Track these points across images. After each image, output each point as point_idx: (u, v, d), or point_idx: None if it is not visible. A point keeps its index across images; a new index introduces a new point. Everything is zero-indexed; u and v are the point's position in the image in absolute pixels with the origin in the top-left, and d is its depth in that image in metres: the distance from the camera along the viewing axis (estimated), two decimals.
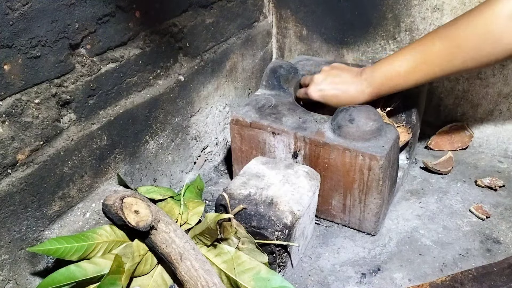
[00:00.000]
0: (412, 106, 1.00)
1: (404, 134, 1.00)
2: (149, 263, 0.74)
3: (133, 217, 0.70)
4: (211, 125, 1.11)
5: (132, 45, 0.83)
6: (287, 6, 1.24)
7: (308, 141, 0.88)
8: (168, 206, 0.84)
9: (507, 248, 0.86)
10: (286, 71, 1.03)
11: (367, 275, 0.82)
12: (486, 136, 1.12)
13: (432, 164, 1.05)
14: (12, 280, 0.69)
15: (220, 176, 1.14)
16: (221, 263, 0.74)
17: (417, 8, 1.06)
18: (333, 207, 0.92)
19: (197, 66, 1.01)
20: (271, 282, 0.70)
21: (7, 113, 0.63)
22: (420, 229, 0.92)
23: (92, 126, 0.78)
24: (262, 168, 0.87)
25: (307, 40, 1.25)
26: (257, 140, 0.94)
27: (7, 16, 0.60)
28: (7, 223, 0.66)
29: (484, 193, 1.00)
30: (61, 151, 0.72)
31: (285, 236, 0.76)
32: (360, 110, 0.86)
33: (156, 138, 0.93)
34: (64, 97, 0.72)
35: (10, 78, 0.63)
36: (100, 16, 0.74)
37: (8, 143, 0.64)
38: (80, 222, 0.75)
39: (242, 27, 1.16)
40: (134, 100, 0.86)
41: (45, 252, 0.67)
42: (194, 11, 0.97)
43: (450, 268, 0.82)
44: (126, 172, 0.87)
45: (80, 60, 0.73)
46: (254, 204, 0.78)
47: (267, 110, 0.95)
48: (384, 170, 0.83)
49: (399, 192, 1.02)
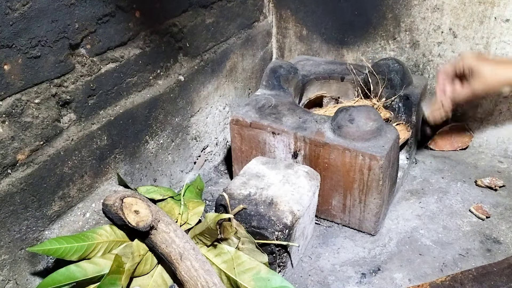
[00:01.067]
0: (412, 106, 1.00)
1: (404, 132, 1.00)
2: (149, 263, 0.74)
3: (133, 217, 0.70)
4: (211, 125, 1.11)
5: (132, 45, 0.83)
6: (287, 6, 1.24)
7: (308, 141, 0.88)
8: (168, 206, 0.84)
9: (507, 248, 0.86)
10: (286, 71, 1.03)
11: (367, 275, 0.82)
12: (486, 136, 1.12)
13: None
14: (12, 280, 0.69)
15: (220, 176, 1.14)
16: (221, 263, 0.74)
17: (417, 8, 1.06)
18: (333, 207, 0.92)
19: (197, 66, 1.01)
20: (271, 282, 0.70)
21: (7, 113, 0.63)
22: (420, 229, 0.92)
23: (92, 126, 0.78)
24: (262, 168, 0.87)
25: (307, 40, 1.25)
26: (257, 140, 0.94)
27: (7, 16, 0.60)
28: (7, 223, 0.66)
29: (484, 193, 1.00)
30: (61, 151, 0.72)
31: (285, 236, 0.76)
32: (360, 110, 0.86)
33: (156, 138, 0.93)
34: (64, 97, 0.72)
35: (10, 78, 0.63)
36: (100, 16, 0.74)
37: (8, 143, 0.64)
38: (80, 222, 0.75)
39: (242, 27, 1.16)
40: (134, 100, 0.86)
41: (45, 252, 0.67)
42: (194, 11, 0.97)
43: (450, 268, 0.82)
44: (126, 172, 0.87)
45: (80, 60, 0.73)
46: (254, 204, 0.78)
47: (267, 110, 0.95)
48: (384, 170, 0.83)
49: (399, 192, 1.02)
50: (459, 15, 1.03)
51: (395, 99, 1.01)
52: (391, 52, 1.14)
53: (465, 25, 1.03)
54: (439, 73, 0.93)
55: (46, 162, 0.70)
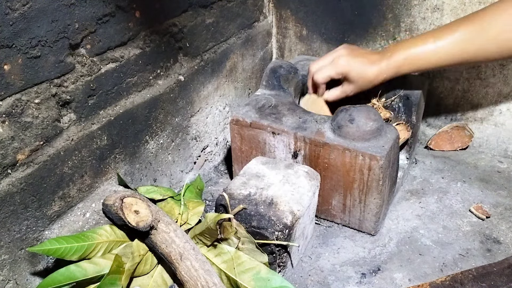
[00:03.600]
0: (412, 105, 1.00)
1: (404, 132, 1.00)
2: (149, 263, 0.74)
3: (133, 217, 0.70)
4: (211, 125, 1.11)
5: (132, 45, 0.83)
6: (287, 6, 1.24)
7: (308, 141, 0.88)
8: (168, 206, 0.84)
9: (507, 248, 0.86)
10: (286, 71, 1.03)
11: (367, 275, 0.82)
12: (486, 136, 1.12)
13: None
14: (12, 280, 0.69)
15: (220, 176, 1.14)
16: (221, 263, 0.74)
17: (417, 8, 1.06)
18: (333, 207, 0.92)
19: (197, 66, 1.01)
20: (271, 282, 0.70)
21: (7, 113, 0.63)
22: (420, 229, 0.92)
23: (92, 126, 0.78)
24: (262, 168, 0.87)
25: (307, 40, 1.25)
26: (257, 140, 0.94)
27: (7, 16, 0.60)
28: (7, 223, 0.66)
29: (484, 193, 1.00)
30: (61, 151, 0.72)
31: (285, 236, 0.76)
32: (360, 110, 0.86)
33: (156, 138, 0.93)
34: (64, 97, 0.72)
35: (10, 78, 0.63)
36: (100, 16, 0.74)
37: (8, 143, 0.64)
38: (80, 222, 0.75)
39: (242, 27, 1.16)
40: (134, 100, 0.86)
41: (45, 252, 0.67)
42: (194, 11, 0.97)
43: (450, 268, 0.82)
44: (126, 172, 0.87)
45: (80, 60, 0.73)
46: (254, 204, 0.78)
47: (267, 110, 0.95)
48: (384, 170, 0.83)
49: (399, 192, 1.02)
50: (459, 15, 1.03)
51: (395, 99, 1.01)
52: None
53: None
54: (313, 79, 0.99)
55: (46, 162, 0.70)
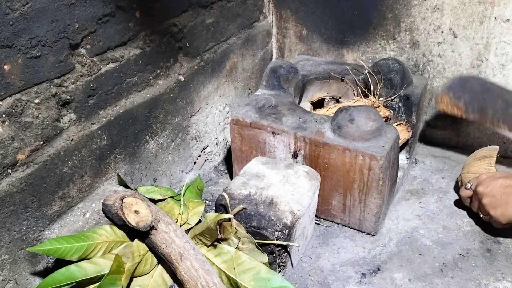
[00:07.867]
0: (412, 106, 1.00)
1: (404, 132, 1.00)
2: (149, 263, 0.74)
3: (133, 217, 0.70)
4: (211, 125, 1.11)
5: (132, 45, 0.83)
6: (287, 6, 1.24)
7: (308, 141, 0.88)
8: (168, 206, 0.84)
9: (507, 248, 0.86)
10: (286, 71, 1.03)
11: (367, 275, 0.82)
12: (486, 136, 1.12)
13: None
14: (12, 280, 0.69)
15: (220, 176, 1.14)
16: (221, 263, 0.74)
17: (417, 8, 1.06)
18: (333, 207, 0.92)
19: (197, 66, 1.01)
20: (271, 282, 0.70)
21: (7, 113, 0.63)
22: (420, 229, 0.92)
23: (92, 126, 0.78)
24: (262, 168, 0.87)
25: (307, 40, 1.25)
26: (257, 140, 0.94)
27: (7, 16, 0.60)
28: (7, 223, 0.66)
29: None
30: (61, 151, 0.72)
31: (285, 236, 0.76)
32: (360, 110, 0.86)
33: (156, 138, 0.93)
34: (64, 97, 0.72)
35: (10, 78, 0.63)
36: (100, 16, 0.74)
37: (8, 143, 0.64)
38: (80, 222, 0.75)
39: (242, 27, 1.16)
40: (134, 100, 0.86)
41: (45, 252, 0.67)
42: (194, 11, 0.97)
43: (450, 268, 0.82)
44: (126, 172, 0.87)
45: (80, 60, 0.73)
46: (254, 204, 0.78)
47: (267, 110, 0.95)
48: (384, 170, 0.83)
49: (399, 192, 1.02)
50: (459, 15, 1.03)
51: (395, 99, 1.01)
52: (391, 52, 1.14)
53: (465, 25, 1.03)
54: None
55: (46, 162, 0.70)
